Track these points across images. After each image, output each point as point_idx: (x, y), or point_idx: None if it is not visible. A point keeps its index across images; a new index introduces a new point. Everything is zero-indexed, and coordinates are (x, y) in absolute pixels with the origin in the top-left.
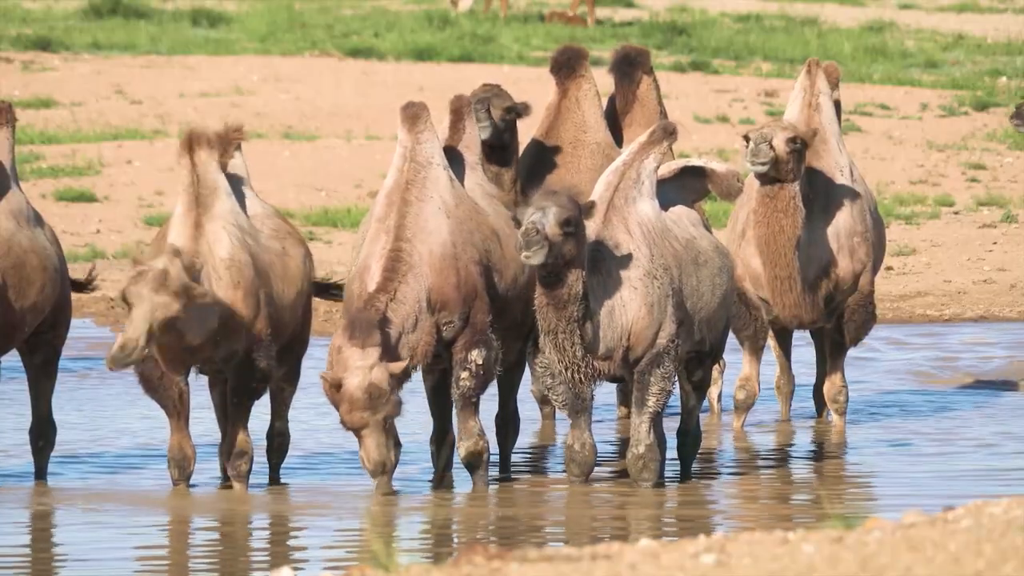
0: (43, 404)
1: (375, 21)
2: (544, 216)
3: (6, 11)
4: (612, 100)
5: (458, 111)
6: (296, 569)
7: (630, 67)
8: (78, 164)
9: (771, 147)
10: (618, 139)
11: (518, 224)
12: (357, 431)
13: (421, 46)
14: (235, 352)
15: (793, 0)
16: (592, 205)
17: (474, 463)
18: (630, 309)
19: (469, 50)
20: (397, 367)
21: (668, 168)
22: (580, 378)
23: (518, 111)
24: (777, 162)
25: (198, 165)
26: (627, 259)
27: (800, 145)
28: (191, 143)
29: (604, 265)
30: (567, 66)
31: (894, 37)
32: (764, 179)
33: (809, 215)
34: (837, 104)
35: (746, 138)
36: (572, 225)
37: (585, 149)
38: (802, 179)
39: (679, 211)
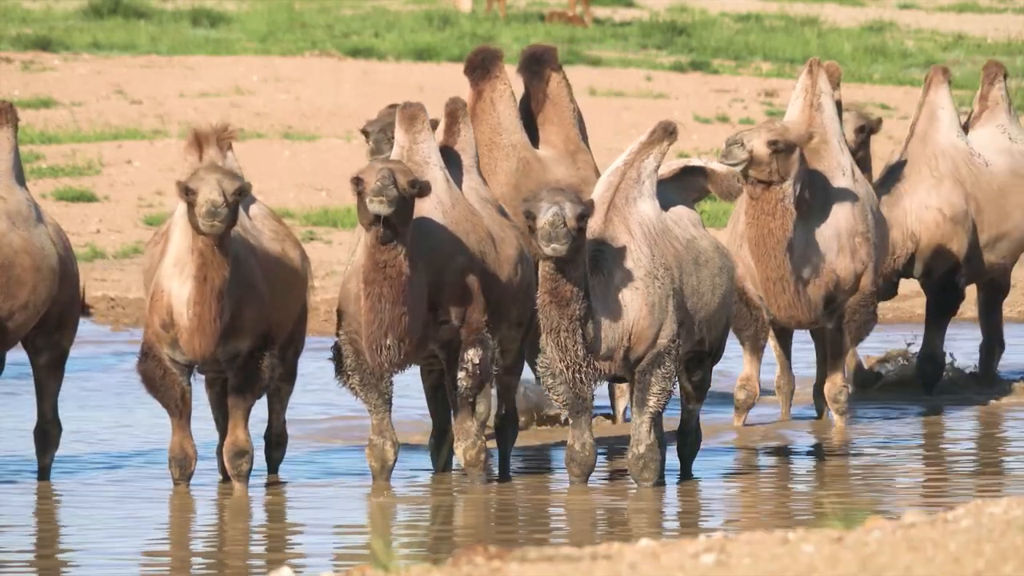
0: (48, 404)
1: (375, 21)
2: (563, 210)
3: (6, 11)
4: (524, 100)
5: (453, 113)
6: (296, 569)
7: (539, 65)
8: (78, 164)
9: (744, 148)
10: (533, 139)
11: (528, 216)
12: None
13: (421, 46)
14: (239, 352)
15: (793, 0)
16: (591, 204)
17: (472, 463)
18: (631, 309)
19: (469, 50)
20: None
21: (668, 168)
22: (581, 377)
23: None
24: (755, 163)
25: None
26: (628, 259)
27: (783, 147)
28: (199, 141)
29: (605, 265)
30: (481, 67)
31: (894, 37)
32: (746, 179)
33: (809, 215)
34: (838, 104)
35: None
36: (586, 218)
37: (501, 152)
38: (800, 181)
39: (679, 211)
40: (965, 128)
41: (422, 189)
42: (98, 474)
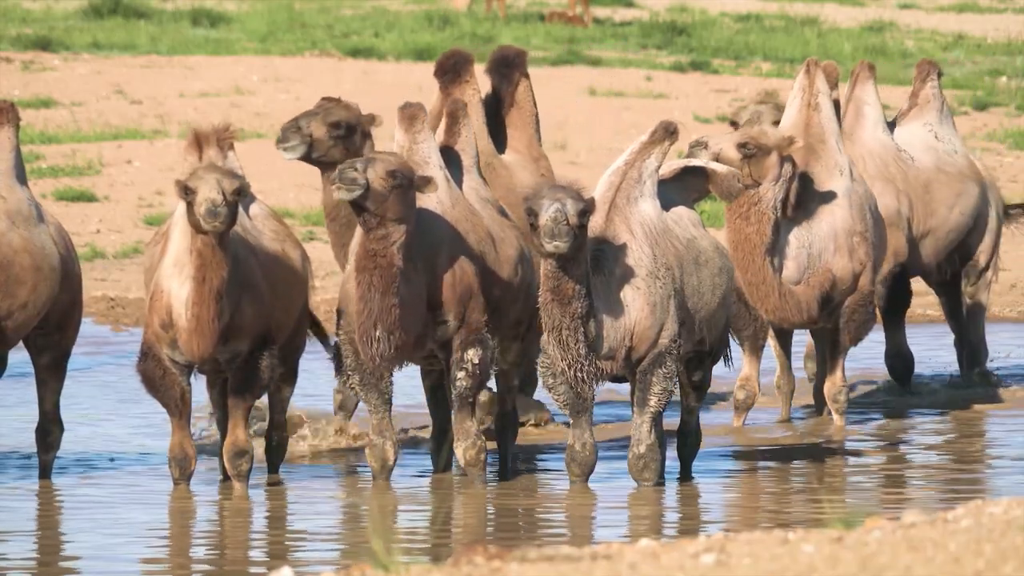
0: (49, 404)
1: (375, 21)
2: (564, 207)
3: (6, 11)
4: (489, 102)
5: (453, 113)
6: (296, 569)
7: (508, 69)
8: (78, 164)
9: (708, 150)
10: (496, 139)
11: (530, 213)
12: None
13: (421, 46)
14: (239, 352)
15: (793, 0)
16: (593, 201)
17: (472, 463)
18: (633, 309)
19: (469, 50)
20: None
21: (669, 168)
22: (583, 377)
23: (350, 125)
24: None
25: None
26: (630, 259)
27: (754, 150)
28: (199, 141)
29: (607, 265)
30: (452, 71)
31: (894, 37)
32: None
33: (805, 214)
34: (836, 104)
35: (732, 123)
36: (588, 216)
37: None
38: (784, 185)
39: (680, 211)
40: (892, 125)
41: (408, 182)
42: (97, 474)
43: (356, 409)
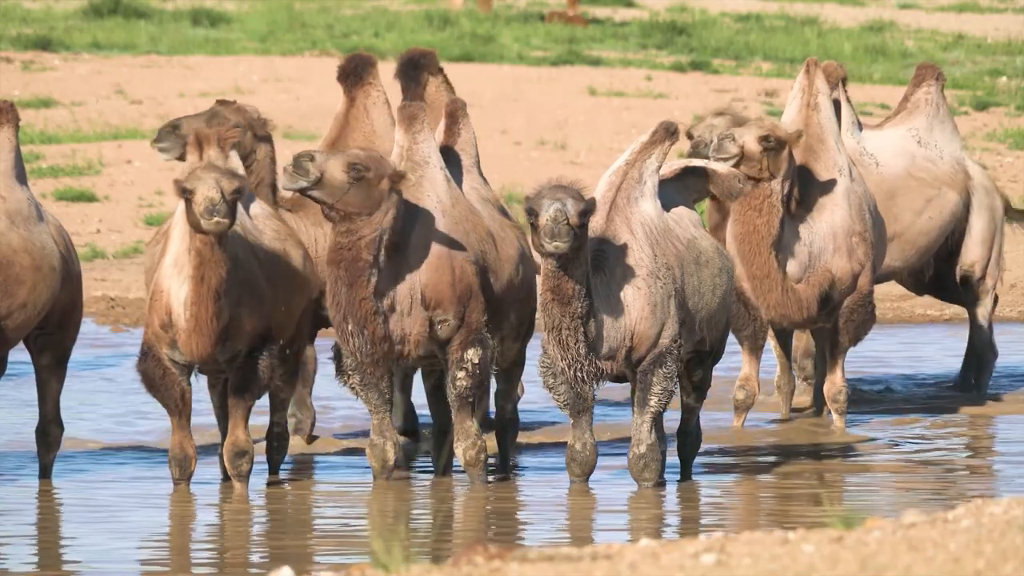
0: (49, 404)
1: (375, 21)
2: (565, 206)
3: (6, 11)
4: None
5: (453, 113)
6: (296, 569)
7: (415, 70)
8: (78, 164)
9: (735, 143)
10: None
11: (530, 213)
12: None
13: (421, 46)
14: (239, 352)
15: (793, 0)
16: (593, 201)
17: (472, 463)
18: (633, 309)
19: (469, 50)
20: None
21: (669, 168)
22: (583, 376)
23: (237, 127)
24: (746, 159)
25: None
26: (630, 259)
27: (774, 144)
28: (199, 141)
29: (607, 264)
30: (354, 74)
31: (894, 37)
32: None
33: (805, 214)
34: (837, 104)
35: (689, 135)
36: (588, 216)
37: None
38: (788, 179)
39: (680, 211)
40: (861, 127)
41: (376, 176)
42: (97, 474)
43: (312, 430)
